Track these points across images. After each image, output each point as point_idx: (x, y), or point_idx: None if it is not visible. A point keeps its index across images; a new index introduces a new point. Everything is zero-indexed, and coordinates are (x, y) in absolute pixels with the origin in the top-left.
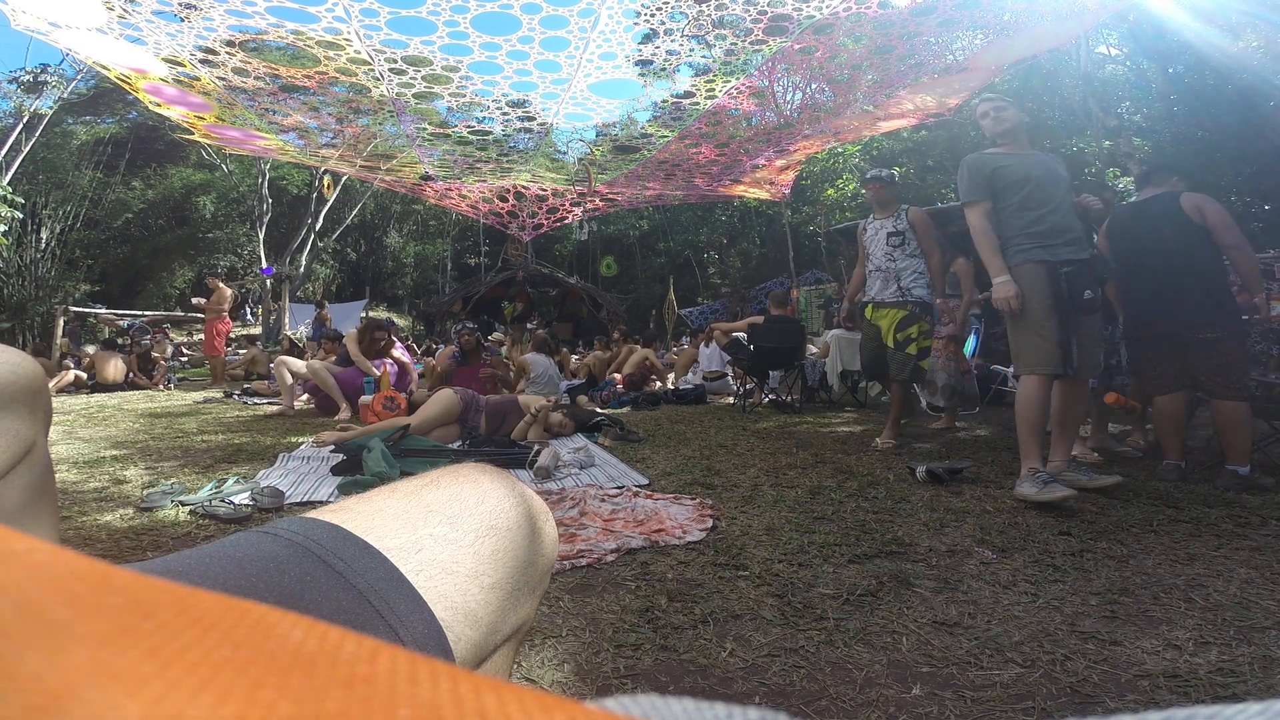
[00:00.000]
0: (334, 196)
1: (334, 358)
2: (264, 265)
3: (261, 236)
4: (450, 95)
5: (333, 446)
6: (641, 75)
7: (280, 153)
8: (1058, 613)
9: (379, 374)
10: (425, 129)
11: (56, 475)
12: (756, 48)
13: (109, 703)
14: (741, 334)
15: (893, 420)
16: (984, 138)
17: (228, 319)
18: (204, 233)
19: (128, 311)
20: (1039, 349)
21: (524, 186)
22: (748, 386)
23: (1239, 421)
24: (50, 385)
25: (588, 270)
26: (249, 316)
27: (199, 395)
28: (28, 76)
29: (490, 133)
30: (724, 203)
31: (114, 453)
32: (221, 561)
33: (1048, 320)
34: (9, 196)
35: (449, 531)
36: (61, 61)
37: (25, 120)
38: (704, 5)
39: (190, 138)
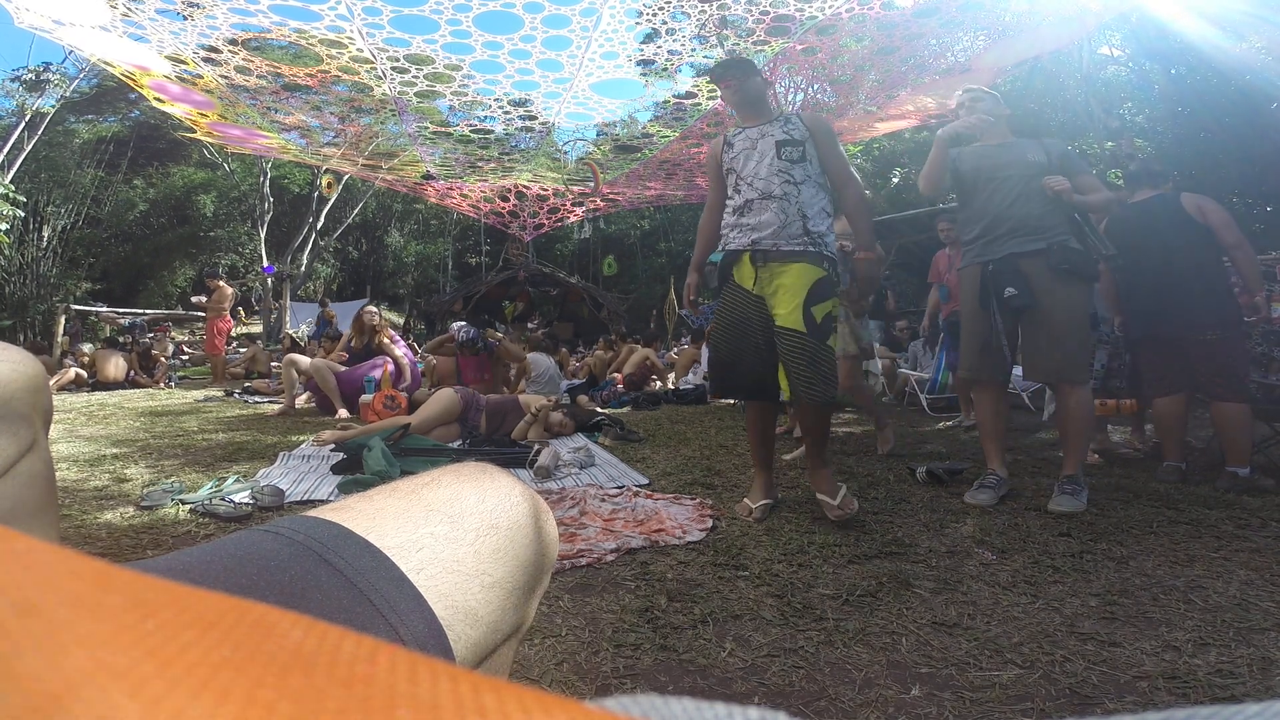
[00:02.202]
0: (335, 195)
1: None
2: (265, 264)
3: (263, 235)
4: (452, 94)
5: (333, 445)
6: (643, 75)
7: (282, 151)
8: (1057, 614)
9: (380, 376)
10: (427, 128)
11: (57, 474)
12: (759, 48)
13: (109, 703)
14: None
15: (814, 458)
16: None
17: (229, 317)
18: (205, 231)
19: (129, 310)
20: (963, 354)
21: (525, 186)
22: None
23: (1239, 423)
24: (50, 383)
25: (589, 270)
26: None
27: (199, 394)
28: (30, 75)
29: (492, 132)
30: None
31: (114, 451)
32: (222, 560)
33: (970, 324)
34: (11, 195)
35: (450, 530)
36: (64, 60)
37: (28, 119)
38: (707, 5)
39: (193, 136)
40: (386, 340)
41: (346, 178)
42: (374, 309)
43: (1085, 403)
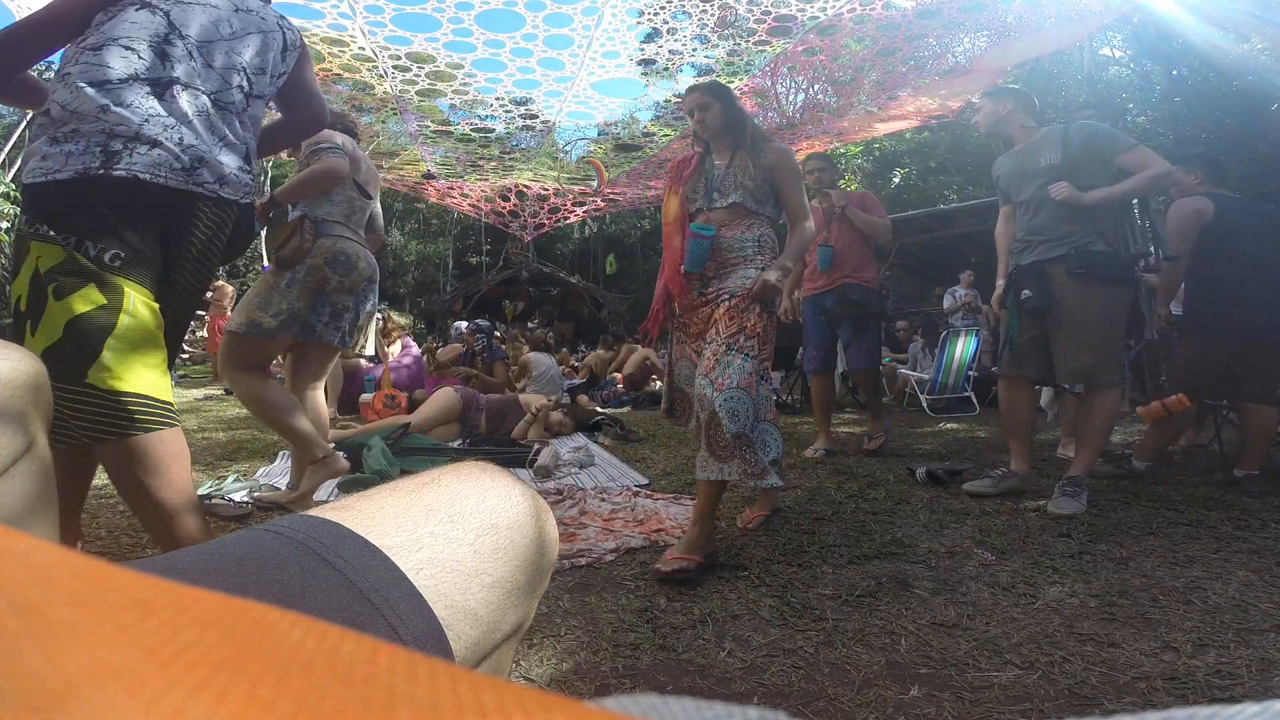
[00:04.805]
0: None
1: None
2: (265, 263)
3: (263, 235)
4: (453, 93)
5: (333, 444)
6: (644, 74)
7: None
8: (1056, 614)
9: (380, 375)
10: (428, 126)
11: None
12: (760, 48)
13: (108, 702)
14: None
15: None
16: (986, 141)
17: (230, 316)
18: None
19: None
20: (1000, 352)
21: (525, 186)
22: None
23: (1271, 427)
24: (50, 381)
25: (589, 270)
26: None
27: (199, 392)
28: (33, 74)
29: (493, 131)
30: None
31: None
32: (222, 559)
33: (1008, 323)
34: (13, 194)
35: (449, 530)
36: None
37: (30, 117)
38: (708, 5)
39: None
40: (384, 346)
41: None
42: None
43: (1112, 405)
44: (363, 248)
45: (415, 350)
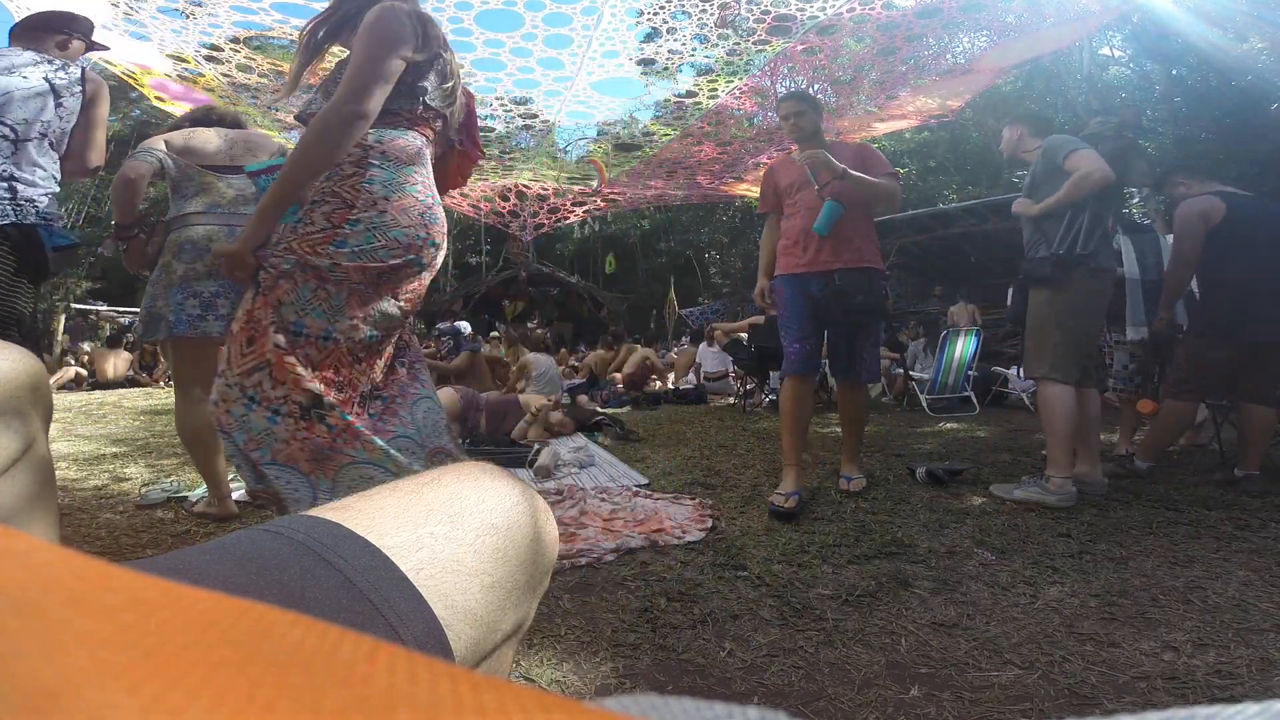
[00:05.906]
0: None
1: None
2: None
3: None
4: None
5: None
6: (644, 74)
7: (283, 152)
8: (1056, 614)
9: None
10: None
11: (56, 473)
12: (760, 48)
13: (108, 702)
14: (742, 334)
15: None
16: (986, 140)
17: None
18: None
19: (128, 309)
20: None
21: (525, 186)
22: (748, 387)
23: (1270, 427)
24: (50, 382)
25: (589, 270)
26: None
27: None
28: None
29: (492, 130)
30: (725, 202)
31: (114, 450)
32: (222, 559)
33: None
34: None
35: (450, 530)
36: None
37: None
38: (708, 5)
39: None
40: None
41: None
42: None
43: (1048, 401)
44: (234, 229)
45: None
